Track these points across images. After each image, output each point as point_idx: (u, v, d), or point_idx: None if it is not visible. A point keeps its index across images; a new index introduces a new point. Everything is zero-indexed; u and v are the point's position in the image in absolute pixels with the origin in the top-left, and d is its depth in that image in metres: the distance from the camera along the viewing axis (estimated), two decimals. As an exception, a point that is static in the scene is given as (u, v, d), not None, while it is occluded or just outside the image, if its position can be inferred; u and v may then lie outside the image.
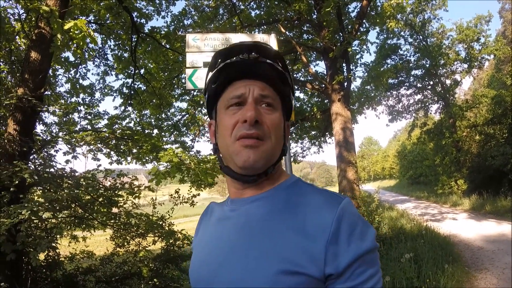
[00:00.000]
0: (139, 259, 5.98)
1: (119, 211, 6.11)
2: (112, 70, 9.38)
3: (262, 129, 0.79)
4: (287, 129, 0.90)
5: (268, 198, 0.83)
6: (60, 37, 2.95)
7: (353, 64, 12.48)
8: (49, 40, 3.24)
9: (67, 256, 5.45)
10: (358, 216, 0.76)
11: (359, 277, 0.70)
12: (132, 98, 8.24)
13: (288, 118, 0.91)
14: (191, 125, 11.83)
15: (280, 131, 0.83)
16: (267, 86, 0.83)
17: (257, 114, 0.79)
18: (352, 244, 0.71)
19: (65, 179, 4.37)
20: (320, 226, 0.72)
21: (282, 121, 0.85)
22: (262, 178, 0.84)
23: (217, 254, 0.81)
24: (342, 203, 0.75)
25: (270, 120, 0.81)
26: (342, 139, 9.29)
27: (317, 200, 0.78)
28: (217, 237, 0.86)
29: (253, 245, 0.76)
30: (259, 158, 0.79)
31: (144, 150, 5.91)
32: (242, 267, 0.74)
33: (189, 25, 9.86)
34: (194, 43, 4.07)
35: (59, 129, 5.43)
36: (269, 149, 0.80)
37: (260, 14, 10.86)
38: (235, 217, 0.84)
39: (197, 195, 8.67)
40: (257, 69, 0.83)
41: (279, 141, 0.83)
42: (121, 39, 7.81)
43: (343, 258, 0.70)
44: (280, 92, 0.86)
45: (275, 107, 0.83)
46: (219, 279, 0.77)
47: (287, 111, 0.90)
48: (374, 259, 0.74)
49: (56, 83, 7.90)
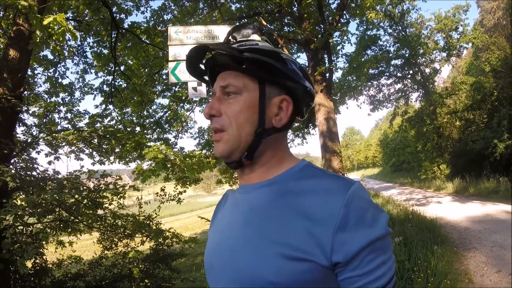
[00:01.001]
0: (129, 261, 5.88)
1: (104, 212, 5.98)
2: (91, 68, 9.16)
3: (221, 121, 0.82)
4: (273, 106, 0.82)
5: (275, 184, 0.81)
6: (39, 34, 2.82)
7: (334, 55, 12.51)
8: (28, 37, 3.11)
9: (54, 263, 5.31)
10: (369, 201, 0.73)
11: (369, 264, 0.68)
12: (113, 96, 8.05)
13: (290, 92, 0.84)
14: (174, 121, 11.68)
15: (242, 117, 0.80)
16: (231, 73, 0.83)
17: (216, 107, 0.82)
18: (361, 231, 0.68)
19: (49, 181, 4.23)
20: (328, 212, 0.70)
21: (251, 104, 0.81)
22: (243, 165, 0.84)
23: (227, 241, 0.81)
24: (351, 188, 0.72)
25: (229, 110, 0.81)
26: (326, 129, 9.30)
27: (325, 185, 0.75)
28: (228, 223, 0.86)
29: (260, 231, 0.75)
30: (222, 150, 0.82)
31: (127, 148, 5.77)
32: (249, 254, 0.74)
33: (169, 20, 9.69)
34: (176, 36, 3.99)
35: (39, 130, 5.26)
36: (231, 138, 0.81)
37: (240, 8, 10.75)
38: (244, 203, 0.84)
39: (183, 191, 8.59)
40: (220, 62, 0.86)
41: (243, 128, 0.80)
42: (100, 36, 7.61)
43: (351, 246, 0.68)
44: (251, 72, 0.81)
45: (239, 92, 0.81)
46: (228, 266, 0.78)
47: (282, 85, 0.83)
48: (385, 246, 0.71)
49: (35, 83, 7.69)
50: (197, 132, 12.49)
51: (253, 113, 0.81)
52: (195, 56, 0.89)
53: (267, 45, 0.83)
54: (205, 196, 52.42)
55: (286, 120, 0.83)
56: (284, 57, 0.82)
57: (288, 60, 0.83)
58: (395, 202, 12.70)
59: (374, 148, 58.28)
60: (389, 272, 0.70)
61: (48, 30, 2.94)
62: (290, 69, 0.82)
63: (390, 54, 23.46)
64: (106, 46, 7.90)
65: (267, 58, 0.79)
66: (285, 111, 0.83)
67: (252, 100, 0.81)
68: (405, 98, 25.67)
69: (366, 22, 19.42)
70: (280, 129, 0.84)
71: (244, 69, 0.81)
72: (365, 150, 64.72)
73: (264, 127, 0.81)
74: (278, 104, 0.83)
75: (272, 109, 0.82)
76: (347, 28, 12.38)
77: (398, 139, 36.75)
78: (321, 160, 9.70)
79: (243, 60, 0.80)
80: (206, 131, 12.49)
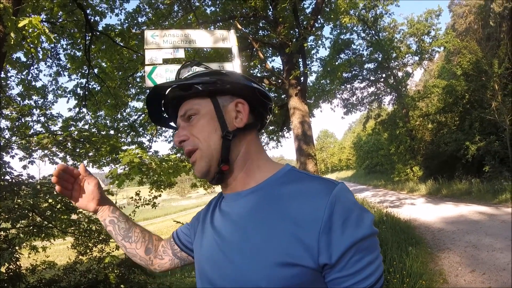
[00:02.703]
0: (104, 266, 5.79)
1: (78, 217, 5.87)
2: (64, 70, 8.98)
3: (191, 142, 0.88)
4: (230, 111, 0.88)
5: (260, 190, 0.83)
6: (13, 36, 2.78)
7: (309, 59, 12.70)
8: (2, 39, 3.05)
9: (28, 268, 5.16)
10: (353, 202, 0.75)
11: (355, 265, 0.70)
12: (87, 99, 7.91)
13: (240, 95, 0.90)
14: (148, 124, 11.54)
15: (206, 129, 0.86)
16: (186, 103, 0.91)
17: (183, 133, 0.90)
18: (346, 232, 0.69)
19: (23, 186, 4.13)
20: (313, 215, 0.71)
21: (210, 115, 0.87)
22: (223, 174, 0.87)
23: (217, 250, 0.82)
24: (335, 189, 0.74)
25: (194, 129, 0.88)
26: (300, 132, 9.42)
27: (309, 188, 0.76)
28: (216, 232, 0.87)
29: (248, 239, 0.76)
30: (200, 167, 0.87)
31: (102, 152, 5.69)
32: (239, 262, 0.75)
33: (143, 23, 9.61)
34: (152, 39, 3.98)
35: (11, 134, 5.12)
36: (204, 152, 0.86)
37: (215, 11, 10.77)
38: (230, 212, 0.86)
39: (159, 196, 8.52)
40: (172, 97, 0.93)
41: (210, 138, 0.86)
42: (74, 38, 7.48)
43: (337, 247, 0.69)
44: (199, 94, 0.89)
45: (197, 112, 0.88)
46: (218, 275, 0.80)
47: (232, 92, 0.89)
48: (372, 245, 0.72)
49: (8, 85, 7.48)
50: (172, 136, 12.39)
51: (214, 123, 0.87)
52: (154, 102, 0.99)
53: (205, 69, 0.95)
54: (179, 200, 51.91)
55: (246, 119, 0.88)
56: (223, 71, 0.91)
57: (229, 72, 0.92)
58: (369, 204, 12.89)
59: (348, 151, 59.07)
60: (376, 271, 0.71)
61: (22, 32, 2.91)
62: (233, 78, 0.90)
63: (364, 58, 23.92)
64: (80, 49, 7.76)
65: (207, 77, 0.89)
66: (243, 112, 0.88)
67: (209, 113, 0.87)
68: (378, 101, 26.13)
69: (340, 26, 19.72)
70: (244, 128, 0.88)
71: (193, 94, 0.88)
72: (339, 152, 65.51)
73: (227, 130, 0.86)
74: (234, 108, 0.88)
75: (230, 114, 0.88)
76: (322, 33, 12.59)
77: (372, 142, 37.40)
78: (296, 163, 9.80)
79: (190, 86, 0.88)
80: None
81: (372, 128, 26.80)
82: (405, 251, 5.82)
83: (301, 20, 10.10)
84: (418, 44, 23.35)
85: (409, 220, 8.82)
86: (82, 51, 7.29)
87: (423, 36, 23.13)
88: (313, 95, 14.82)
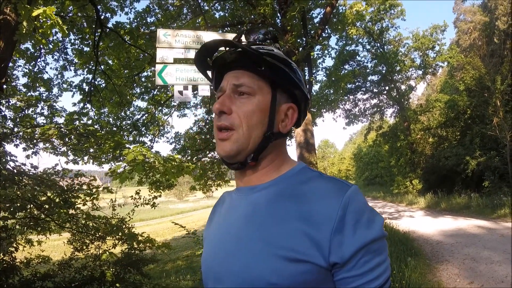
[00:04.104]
0: (100, 264, 5.74)
1: (76, 212, 5.83)
2: (71, 65, 9.00)
3: (231, 119, 0.81)
4: (281, 112, 0.85)
5: (273, 186, 0.82)
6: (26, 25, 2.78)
7: (314, 68, 12.75)
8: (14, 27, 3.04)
9: (22, 261, 5.11)
10: (365, 204, 0.75)
11: (365, 265, 0.70)
12: (92, 94, 7.92)
13: (295, 100, 0.87)
14: (151, 125, 11.55)
15: (254, 118, 0.81)
16: (245, 73, 0.83)
17: (228, 104, 0.82)
18: (357, 233, 0.70)
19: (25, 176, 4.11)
20: (326, 214, 0.71)
21: (263, 106, 0.82)
22: (246, 166, 0.84)
23: (225, 244, 0.82)
24: (348, 190, 0.74)
25: (241, 109, 0.81)
26: (303, 140, 9.43)
27: (323, 187, 0.76)
28: (226, 226, 0.86)
29: (258, 234, 0.75)
30: (229, 149, 0.81)
31: (106, 148, 5.66)
32: (248, 256, 0.74)
33: (152, 23, 9.65)
34: (165, 38, 3.99)
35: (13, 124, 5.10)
36: (240, 138, 0.81)
37: (224, 16, 10.82)
38: (241, 206, 0.84)
39: (159, 196, 8.49)
40: (233, 59, 0.85)
41: (254, 129, 0.81)
42: (83, 33, 7.50)
43: (348, 247, 0.69)
44: (266, 76, 0.83)
45: (253, 93, 0.82)
46: (226, 270, 0.78)
47: (291, 93, 0.86)
48: (381, 248, 0.73)
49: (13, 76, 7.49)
50: (173, 137, 12.40)
51: (264, 116, 0.82)
52: (209, 49, 0.89)
53: (280, 53, 0.85)
54: (177, 202, 51.64)
55: (290, 127, 0.86)
56: (294, 67, 0.85)
57: (297, 70, 0.85)
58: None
59: (348, 162, 59.03)
60: (384, 273, 0.72)
61: (35, 22, 2.91)
62: (299, 79, 0.85)
63: (368, 69, 24.07)
64: (89, 44, 7.78)
65: (283, 65, 0.82)
66: (290, 119, 0.86)
67: (264, 103, 0.82)
68: (380, 113, 26.24)
69: (346, 37, 19.87)
70: (284, 134, 0.86)
71: (260, 72, 0.82)
72: (338, 163, 65.44)
73: (272, 131, 0.83)
74: (285, 111, 0.85)
75: (280, 114, 0.85)
76: (328, 42, 12.67)
77: (372, 154, 37.41)
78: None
79: (261, 62, 0.81)
80: (182, 137, 12.41)
81: (373, 140, 26.85)
82: (404, 262, 5.82)
83: (309, 29, 10.16)
84: (422, 58, 23.50)
85: (408, 232, 8.80)
86: (91, 46, 7.31)
87: (428, 51, 23.31)
88: (316, 104, 14.86)
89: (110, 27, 6.71)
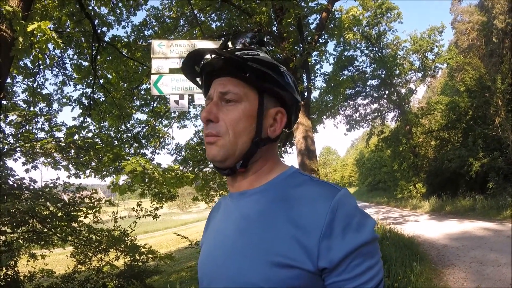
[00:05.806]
0: (102, 276, 5.74)
1: (79, 226, 5.85)
2: (70, 80, 9.08)
3: (218, 127, 0.81)
4: (269, 117, 0.84)
5: (264, 191, 0.82)
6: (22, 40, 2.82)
7: (312, 74, 12.78)
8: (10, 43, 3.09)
9: (26, 275, 5.12)
10: (355, 207, 0.74)
11: (356, 269, 0.69)
12: (91, 108, 7.97)
13: (284, 103, 0.86)
14: (151, 137, 11.57)
15: (240, 125, 0.81)
16: (231, 80, 0.83)
17: (214, 112, 0.82)
18: (347, 237, 0.69)
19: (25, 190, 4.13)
20: (314, 219, 0.71)
21: (250, 113, 0.82)
22: (236, 172, 0.84)
23: (219, 249, 0.82)
24: (338, 194, 0.73)
25: (228, 117, 0.81)
26: (304, 147, 9.41)
27: (312, 191, 0.76)
28: (220, 232, 0.87)
29: (250, 239, 0.76)
30: (216, 153, 0.81)
31: (105, 160, 5.69)
32: (238, 262, 0.75)
33: (149, 36, 9.72)
34: (159, 49, 4.03)
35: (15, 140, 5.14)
36: (226, 144, 0.80)
37: (221, 26, 10.90)
38: (235, 211, 0.85)
39: (160, 207, 8.49)
40: (220, 66, 0.84)
41: (240, 135, 0.81)
42: (81, 48, 7.58)
43: (337, 252, 0.68)
44: (252, 82, 0.82)
45: (239, 100, 0.81)
46: (220, 275, 0.79)
47: (279, 96, 0.85)
48: (373, 251, 0.72)
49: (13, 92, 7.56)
50: (174, 149, 12.43)
51: (251, 122, 0.82)
52: (195, 57, 0.89)
53: (267, 57, 0.85)
54: (180, 214, 51.54)
55: (279, 131, 0.85)
56: (282, 70, 0.84)
57: (285, 73, 0.85)
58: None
59: (350, 168, 58.85)
60: (376, 277, 0.71)
61: (31, 37, 2.95)
62: (287, 83, 0.84)
63: (367, 74, 24.10)
64: (86, 59, 7.86)
65: (269, 70, 0.81)
66: (279, 123, 0.85)
67: (251, 109, 0.82)
68: (381, 117, 26.21)
69: (344, 42, 19.94)
70: (273, 139, 0.85)
71: (246, 78, 0.82)
72: (341, 169, 65.27)
73: (260, 137, 0.82)
74: (273, 115, 0.85)
75: (268, 120, 0.84)
76: (325, 48, 12.72)
77: (374, 159, 37.26)
78: (299, 177, 9.74)
79: (246, 68, 0.80)
80: (183, 148, 12.43)
81: (375, 145, 26.72)
82: (409, 267, 5.74)
83: (306, 36, 10.21)
84: (421, 60, 23.57)
85: (413, 237, 8.73)
86: (89, 61, 7.38)
87: (426, 53, 23.38)
88: (316, 111, 14.88)
89: (107, 41, 6.78)
